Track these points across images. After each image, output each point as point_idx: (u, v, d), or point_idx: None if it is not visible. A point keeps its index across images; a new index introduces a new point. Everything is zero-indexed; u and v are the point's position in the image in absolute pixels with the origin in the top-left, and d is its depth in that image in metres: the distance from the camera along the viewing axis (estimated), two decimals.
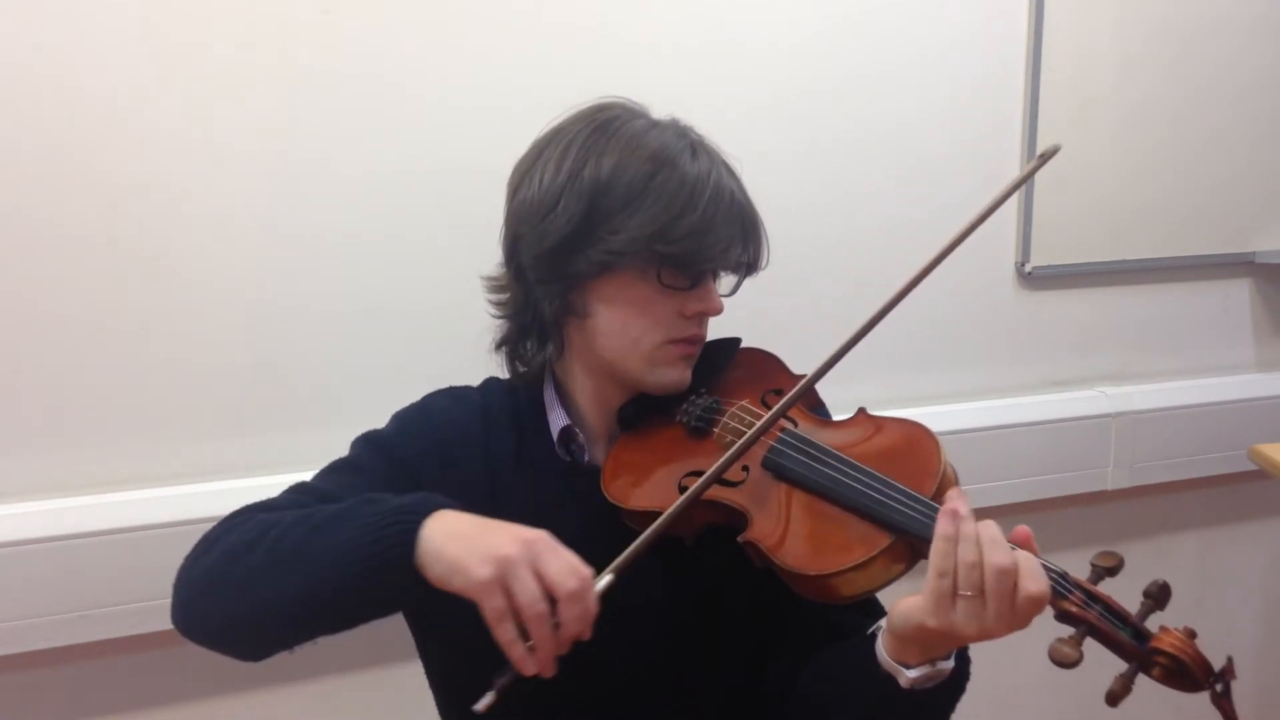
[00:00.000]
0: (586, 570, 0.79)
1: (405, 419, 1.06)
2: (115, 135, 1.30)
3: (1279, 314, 2.00)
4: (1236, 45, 1.83)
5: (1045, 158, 0.93)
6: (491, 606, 0.76)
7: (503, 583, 0.76)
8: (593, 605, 0.79)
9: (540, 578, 0.77)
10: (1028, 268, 1.79)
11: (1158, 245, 1.87)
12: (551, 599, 0.77)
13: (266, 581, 0.83)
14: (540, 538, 0.79)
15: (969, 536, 0.76)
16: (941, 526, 0.78)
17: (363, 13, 1.38)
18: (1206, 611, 2.04)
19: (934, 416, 1.52)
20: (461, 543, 0.78)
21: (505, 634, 0.77)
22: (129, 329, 1.34)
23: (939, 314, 1.76)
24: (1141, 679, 0.77)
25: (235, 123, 1.34)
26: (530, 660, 0.78)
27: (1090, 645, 0.78)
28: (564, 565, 0.78)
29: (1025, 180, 0.89)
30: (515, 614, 0.77)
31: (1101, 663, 0.80)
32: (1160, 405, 1.85)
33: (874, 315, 0.91)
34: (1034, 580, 0.75)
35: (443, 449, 1.02)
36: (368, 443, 1.04)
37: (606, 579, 0.82)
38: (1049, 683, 1.93)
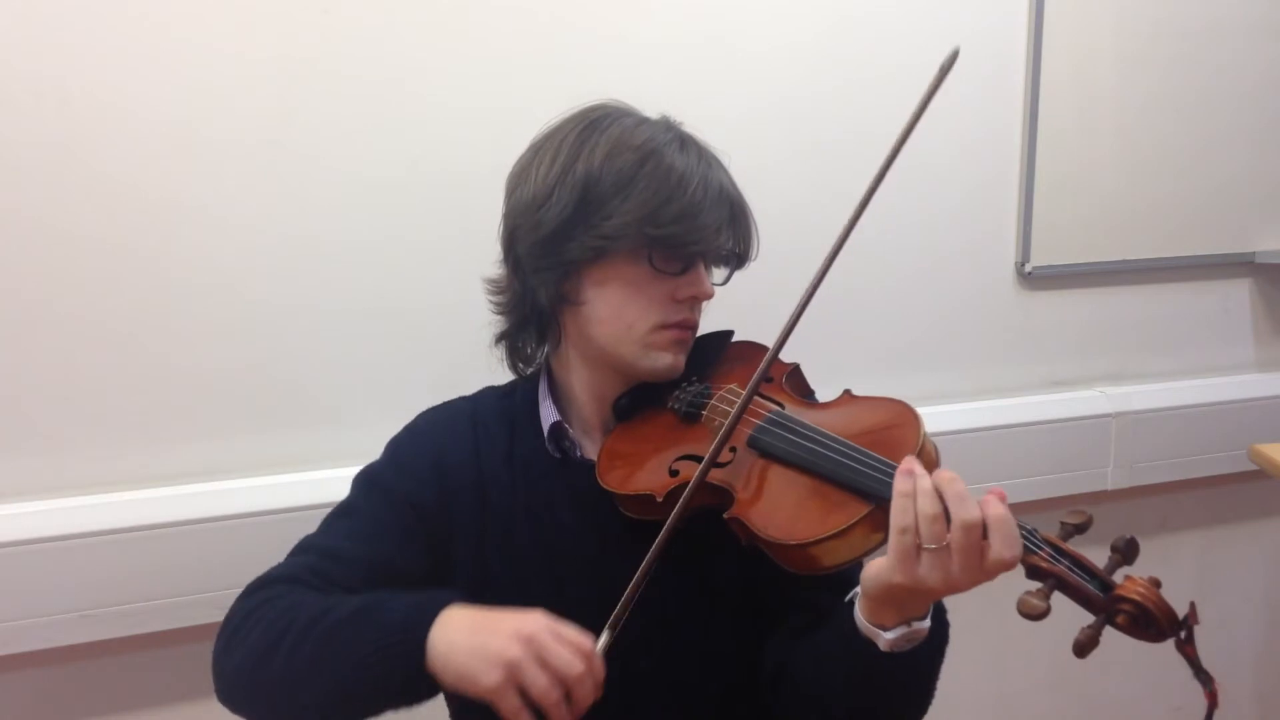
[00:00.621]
0: (589, 644, 0.83)
1: (397, 446, 1.09)
2: (115, 135, 1.30)
3: (1279, 314, 2.00)
4: (1236, 45, 1.83)
5: (945, 69, 0.92)
6: (507, 706, 0.81)
7: (515, 683, 0.80)
8: (600, 674, 0.83)
9: (548, 668, 0.81)
10: (1028, 268, 1.79)
11: (1158, 245, 1.87)
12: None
13: (286, 695, 0.89)
14: (539, 629, 0.82)
15: (926, 490, 0.78)
16: (899, 484, 0.80)
17: (363, 12, 1.38)
18: (1206, 611, 2.02)
19: (934, 416, 1.51)
20: (464, 652, 0.82)
21: None
22: (129, 329, 1.34)
23: (939, 314, 1.76)
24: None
25: (235, 122, 1.34)
26: None
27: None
28: (568, 652, 0.81)
29: (935, 90, 0.91)
30: (531, 706, 0.81)
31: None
32: (1160, 405, 1.85)
33: (819, 271, 0.96)
34: (1008, 546, 0.76)
35: (435, 468, 1.04)
36: (365, 481, 1.06)
37: (605, 638, 0.85)
38: (1049, 686, 1.93)
